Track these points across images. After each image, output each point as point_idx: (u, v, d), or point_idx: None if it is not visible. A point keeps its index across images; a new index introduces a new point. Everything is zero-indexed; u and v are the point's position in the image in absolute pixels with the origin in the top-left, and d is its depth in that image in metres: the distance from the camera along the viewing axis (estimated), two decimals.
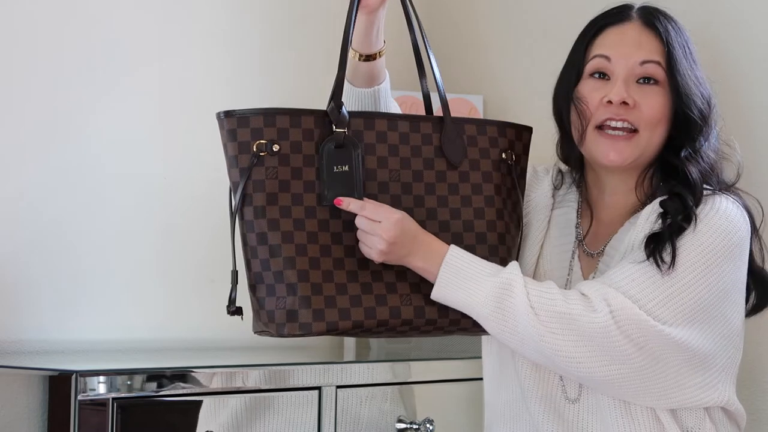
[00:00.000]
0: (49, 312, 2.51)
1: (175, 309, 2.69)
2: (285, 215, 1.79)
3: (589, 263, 1.99)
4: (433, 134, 1.88)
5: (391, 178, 1.85)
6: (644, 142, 1.92)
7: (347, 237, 1.82)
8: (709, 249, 1.85)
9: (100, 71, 2.61)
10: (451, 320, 1.86)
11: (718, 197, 1.90)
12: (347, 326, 1.79)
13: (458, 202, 1.88)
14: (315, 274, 1.78)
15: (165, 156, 2.70)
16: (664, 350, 1.82)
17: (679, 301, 1.82)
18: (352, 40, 1.93)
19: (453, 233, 1.87)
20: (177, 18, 2.76)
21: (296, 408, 2.33)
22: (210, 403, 2.23)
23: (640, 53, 1.92)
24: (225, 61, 2.84)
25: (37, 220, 2.50)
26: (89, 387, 2.05)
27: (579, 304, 1.81)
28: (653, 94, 1.92)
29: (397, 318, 1.81)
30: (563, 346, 1.80)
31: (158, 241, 2.70)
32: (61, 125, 2.54)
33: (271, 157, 1.79)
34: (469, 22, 3.21)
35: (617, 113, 1.91)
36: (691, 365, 1.85)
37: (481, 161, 1.90)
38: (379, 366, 2.52)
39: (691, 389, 1.87)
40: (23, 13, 2.49)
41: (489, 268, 1.84)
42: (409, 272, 1.84)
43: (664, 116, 1.92)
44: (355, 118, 1.84)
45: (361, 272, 1.81)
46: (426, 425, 2.51)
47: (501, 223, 1.90)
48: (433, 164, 1.88)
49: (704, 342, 1.85)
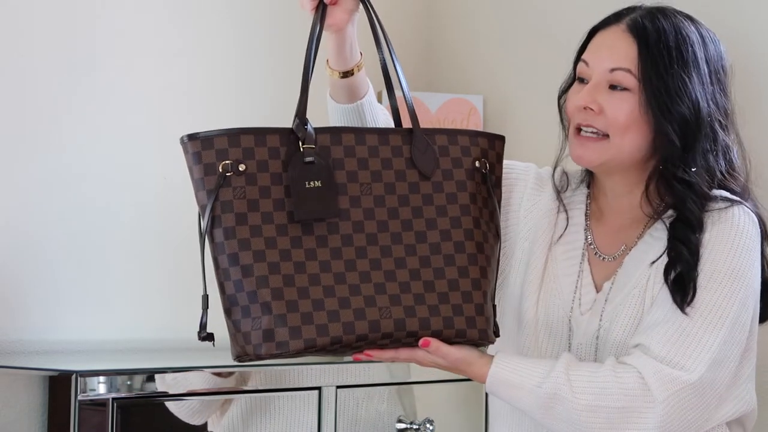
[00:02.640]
0: (48, 312, 2.51)
1: (175, 309, 2.69)
2: (255, 234, 1.77)
3: (603, 268, 1.97)
4: (403, 146, 1.86)
5: (363, 192, 1.83)
6: (614, 148, 1.90)
7: (322, 252, 1.79)
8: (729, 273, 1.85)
9: (100, 71, 2.61)
10: (433, 332, 1.82)
11: (737, 209, 1.89)
12: (325, 342, 1.76)
13: (433, 212, 1.85)
14: (290, 292, 1.75)
15: (165, 156, 2.70)
16: (707, 399, 1.85)
17: (711, 348, 1.84)
18: (329, 58, 1.93)
19: (430, 243, 1.84)
20: (177, 18, 2.76)
21: (296, 408, 2.33)
22: (210, 404, 2.23)
23: (611, 60, 1.90)
24: (225, 62, 2.84)
25: (36, 220, 2.50)
26: (89, 387, 2.05)
27: (637, 393, 1.82)
28: (620, 100, 1.89)
29: (377, 332, 1.78)
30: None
31: (158, 241, 2.70)
32: (61, 125, 2.54)
33: (237, 177, 1.77)
34: (468, 22, 3.21)
35: (584, 118, 1.91)
36: (726, 392, 1.88)
37: (454, 170, 1.87)
38: (379, 366, 2.52)
39: (721, 411, 1.89)
40: (23, 13, 2.49)
41: (535, 376, 1.84)
42: (388, 284, 1.81)
43: (635, 122, 1.89)
44: (321, 134, 1.82)
45: (338, 287, 1.78)
46: (426, 425, 2.51)
47: (478, 232, 1.87)
48: (405, 176, 1.85)
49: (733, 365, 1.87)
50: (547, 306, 1.97)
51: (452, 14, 3.22)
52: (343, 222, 1.81)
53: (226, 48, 2.85)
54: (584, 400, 1.81)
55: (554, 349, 1.95)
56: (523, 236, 2.02)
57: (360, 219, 1.82)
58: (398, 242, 1.83)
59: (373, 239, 1.82)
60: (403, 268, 1.82)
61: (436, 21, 3.19)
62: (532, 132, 2.91)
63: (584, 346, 1.93)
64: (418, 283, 1.82)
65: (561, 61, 2.04)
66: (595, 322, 1.93)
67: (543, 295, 1.98)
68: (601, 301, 1.94)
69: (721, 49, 1.95)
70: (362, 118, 1.98)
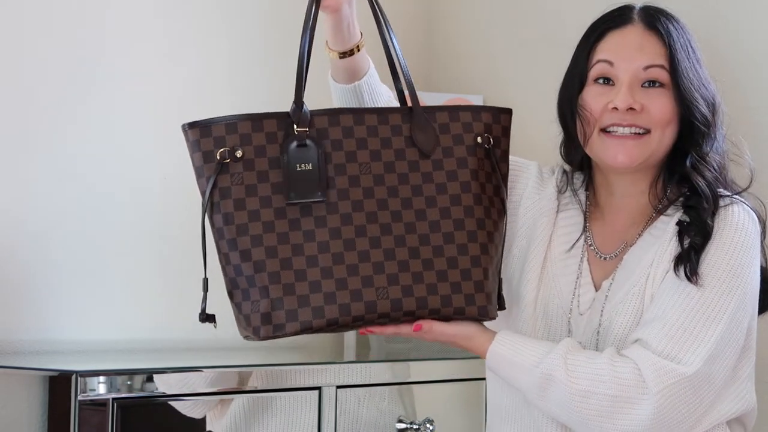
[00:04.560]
0: (49, 312, 2.51)
1: (175, 309, 2.68)
2: (254, 219, 1.79)
3: (602, 267, 1.97)
4: (403, 125, 1.86)
5: (362, 171, 1.83)
6: (655, 143, 1.92)
7: (320, 233, 1.80)
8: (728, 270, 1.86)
9: (101, 71, 2.61)
10: (431, 309, 1.83)
11: (736, 207, 1.90)
12: (321, 324, 1.78)
13: (433, 190, 1.85)
14: (287, 275, 1.78)
15: (165, 156, 2.70)
16: (702, 394, 1.85)
17: (709, 343, 1.85)
18: (327, 39, 1.94)
19: (430, 221, 1.84)
20: (178, 18, 2.76)
21: (296, 408, 2.33)
22: (210, 404, 2.23)
23: (644, 57, 1.92)
24: (225, 61, 2.84)
25: (37, 220, 2.50)
26: (89, 387, 2.05)
27: (631, 383, 1.82)
28: (660, 96, 1.92)
29: (373, 312, 1.80)
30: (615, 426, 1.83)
31: (158, 240, 2.70)
32: (61, 125, 2.54)
33: (235, 164, 1.80)
34: (469, 22, 3.21)
35: (624, 119, 1.91)
36: (723, 388, 1.88)
37: (454, 148, 1.88)
38: (379, 366, 2.52)
39: (719, 409, 1.89)
40: (25, 12, 2.49)
41: (534, 355, 1.86)
42: (387, 262, 1.82)
43: (673, 117, 1.92)
44: (319, 116, 1.83)
45: (337, 267, 1.79)
46: (426, 425, 2.51)
47: (479, 208, 1.87)
48: (405, 154, 1.85)
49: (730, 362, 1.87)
50: (546, 306, 1.97)
51: (452, 14, 3.22)
52: (342, 202, 1.82)
53: (227, 46, 2.85)
54: (578, 385, 1.82)
55: None
56: (522, 234, 2.02)
57: (359, 198, 1.82)
58: (398, 220, 1.83)
59: (373, 217, 1.83)
60: (403, 246, 1.83)
61: (436, 21, 3.19)
62: (532, 132, 2.91)
63: (584, 345, 1.93)
64: (417, 262, 1.83)
65: (562, 60, 2.04)
66: (595, 321, 1.93)
67: (541, 295, 1.98)
68: (600, 300, 1.94)
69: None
70: (360, 98, 1.98)
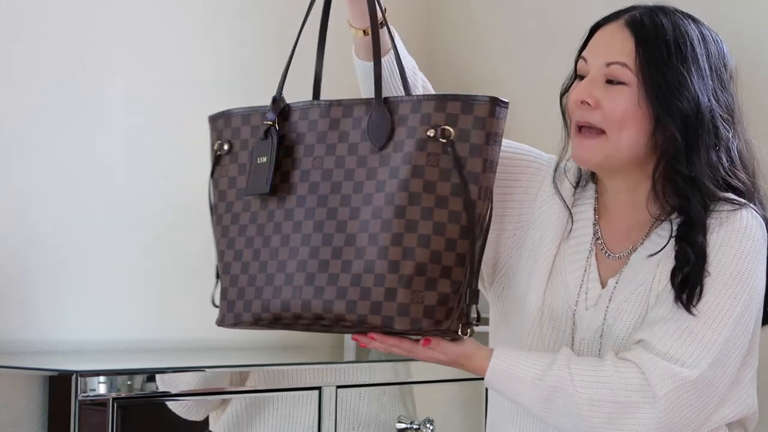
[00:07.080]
0: (49, 312, 2.51)
1: (175, 309, 2.69)
2: (228, 210, 1.84)
3: (609, 264, 1.97)
4: (365, 117, 1.77)
5: (314, 166, 1.78)
6: (612, 144, 1.89)
7: (268, 227, 1.80)
8: (735, 275, 1.86)
9: (100, 71, 2.61)
10: (336, 315, 1.72)
11: (744, 211, 1.88)
12: (249, 319, 1.79)
13: (372, 188, 1.73)
14: (236, 266, 1.81)
15: (164, 157, 2.70)
16: (706, 397, 1.85)
17: (714, 347, 1.84)
18: (349, 16, 1.90)
19: (360, 220, 1.73)
20: (178, 18, 2.76)
21: (296, 408, 2.33)
22: (210, 404, 2.23)
23: (607, 54, 1.90)
24: (226, 61, 2.84)
25: (36, 220, 2.50)
26: (89, 387, 2.05)
27: (637, 388, 1.82)
28: (618, 94, 1.89)
29: (287, 311, 1.75)
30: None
31: (158, 240, 2.70)
32: (60, 126, 2.54)
33: (225, 157, 1.86)
34: (468, 22, 3.21)
35: (581, 114, 1.91)
36: (726, 393, 1.88)
37: (405, 141, 1.73)
38: (379, 366, 2.52)
39: (721, 412, 1.89)
40: (22, 12, 2.49)
41: (536, 369, 1.84)
42: (310, 261, 1.75)
43: (632, 117, 1.88)
44: (295, 110, 1.83)
45: (270, 263, 1.78)
46: (426, 425, 2.51)
47: (414, 209, 1.71)
48: (358, 149, 1.76)
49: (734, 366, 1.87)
50: (553, 299, 1.97)
51: (452, 14, 3.22)
52: (290, 196, 1.78)
53: (227, 46, 2.85)
54: (585, 393, 1.82)
55: (557, 342, 1.95)
56: (535, 226, 2.01)
57: (304, 194, 1.77)
58: (332, 218, 1.74)
59: (311, 214, 1.76)
60: (328, 245, 1.73)
61: (436, 21, 3.19)
62: (534, 132, 2.90)
63: (587, 342, 1.93)
64: (337, 263, 1.72)
65: (562, 61, 2.04)
66: (599, 317, 1.93)
67: (550, 288, 1.98)
68: (605, 298, 1.94)
69: (724, 49, 1.94)
70: (384, 76, 1.88)
